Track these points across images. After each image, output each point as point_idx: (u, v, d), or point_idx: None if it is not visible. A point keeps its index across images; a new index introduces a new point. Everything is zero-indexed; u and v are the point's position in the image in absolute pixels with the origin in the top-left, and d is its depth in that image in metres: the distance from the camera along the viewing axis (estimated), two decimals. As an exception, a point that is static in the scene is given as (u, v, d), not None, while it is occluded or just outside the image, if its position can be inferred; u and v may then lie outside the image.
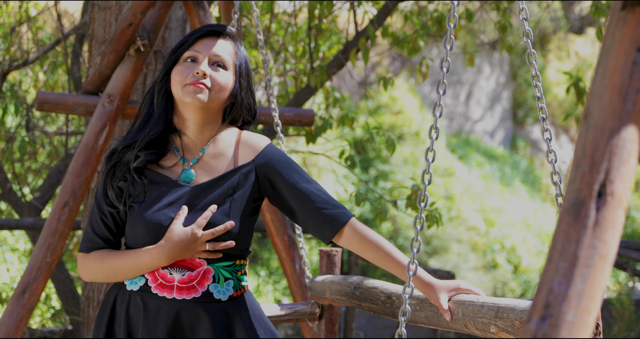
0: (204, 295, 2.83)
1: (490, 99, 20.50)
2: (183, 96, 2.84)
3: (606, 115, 1.64)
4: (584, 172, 1.63)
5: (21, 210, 8.14)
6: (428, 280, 2.79)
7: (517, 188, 18.80)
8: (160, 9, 4.93)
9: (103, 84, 5.08)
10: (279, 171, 2.93)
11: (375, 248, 2.90)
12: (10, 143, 8.34)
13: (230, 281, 2.89)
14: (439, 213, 7.13)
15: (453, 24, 2.71)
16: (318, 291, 3.84)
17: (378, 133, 7.90)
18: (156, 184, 2.85)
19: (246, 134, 3.00)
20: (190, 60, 2.89)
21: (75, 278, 8.54)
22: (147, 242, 2.81)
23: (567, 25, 21.25)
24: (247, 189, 2.89)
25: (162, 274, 2.83)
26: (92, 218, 2.92)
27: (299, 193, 2.91)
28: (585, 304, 1.56)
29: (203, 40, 2.92)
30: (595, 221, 1.59)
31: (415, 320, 2.91)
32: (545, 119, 2.96)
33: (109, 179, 2.88)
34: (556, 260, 1.59)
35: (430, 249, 15.37)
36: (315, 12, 8.17)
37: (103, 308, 2.94)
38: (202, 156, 2.91)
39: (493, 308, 2.54)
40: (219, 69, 2.89)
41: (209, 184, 2.86)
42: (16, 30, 9.07)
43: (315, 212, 2.91)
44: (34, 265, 4.79)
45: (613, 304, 10.23)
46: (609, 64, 1.67)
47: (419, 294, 2.92)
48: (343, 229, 2.92)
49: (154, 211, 2.81)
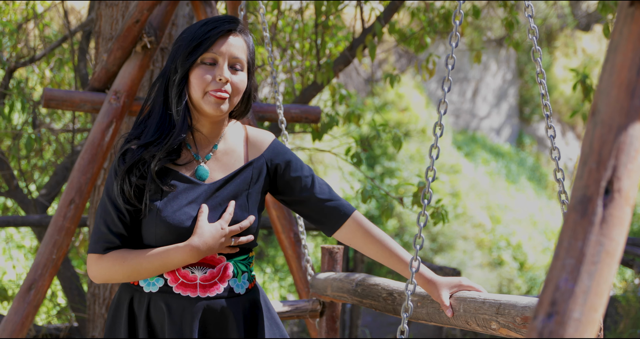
0: (225, 291, 2.83)
1: (496, 96, 20.48)
2: (204, 105, 2.80)
3: (613, 111, 1.63)
4: (591, 169, 1.62)
5: (27, 207, 8.15)
6: (430, 277, 2.82)
7: (523, 185, 18.78)
8: (167, 6, 4.93)
9: (109, 81, 5.08)
10: (286, 164, 2.98)
11: (378, 244, 2.94)
12: (17, 140, 8.34)
13: (246, 274, 2.91)
14: (445, 210, 7.13)
15: (459, 21, 2.71)
16: (319, 288, 3.84)
17: (384, 130, 7.89)
18: (173, 183, 2.82)
19: (252, 130, 3.03)
20: (210, 63, 2.81)
21: (81, 275, 8.55)
22: (168, 242, 2.77)
23: (574, 22, 21.22)
24: (260, 183, 2.93)
25: (183, 273, 2.80)
26: (106, 217, 2.82)
27: (304, 185, 2.96)
28: (592, 302, 1.55)
29: (221, 39, 2.83)
30: (602, 218, 1.59)
31: (416, 317, 2.92)
32: (549, 116, 2.95)
33: (127, 178, 2.80)
34: (563, 257, 1.58)
35: (436, 246, 15.36)
36: (322, 9, 8.17)
37: (117, 310, 2.89)
38: (215, 151, 2.91)
39: (494, 304, 2.55)
40: (237, 72, 2.84)
41: (225, 180, 2.87)
42: (23, 27, 9.07)
43: (320, 204, 2.96)
44: (40, 262, 4.79)
45: (619, 301, 10.20)
46: (617, 61, 1.67)
47: (420, 291, 2.94)
48: (346, 222, 2.96)
49: (174, 210, 2.78)
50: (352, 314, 8.94)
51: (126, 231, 2.83)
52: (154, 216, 2.77)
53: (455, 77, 19.41)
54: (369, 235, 2.94)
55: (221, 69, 2.80)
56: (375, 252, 2.94)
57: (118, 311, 2.88)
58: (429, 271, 2.84)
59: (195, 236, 2.75)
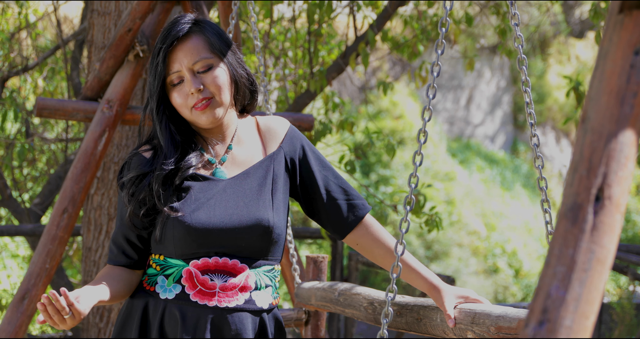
0: (246, 302, 2.69)
1: (490, 104, 20.50)
2: (197, 120, 2.70)
3: (603, 118, 1.63)
4: (581, 176, 1.62)
5: (21, 216, 8.14)
6: (436, 283, 2.69)
7: (518, 192, 18.79)
8: (159, 15, 4.93)
9: (102, 89, 5.07)
10: (304, 155, 2.86)
11: (386, 249, 2.83)
12: (10, 149, 8.34)
13: (270, 288, 2.76)
14: (439, 217, 7.13)
15: (445, 28, 2.70)
16: (304, 297, 3.82)
17: (378, 138, 7.89)
18: (189, 183, 2.71)
19: (262, 119, 2.90)
20: (178, 82, 2.70)
21: (75, 284, 8.54)
22: (187, 244, 2.65)
23: (568, 29, 21.26)
24: (282, 177, 2.80)
25: (202, 280, 2.66)
26: (116, 230, 2.79)
27: (318, 181, 2.84)
28: (583, 309, 1.55)
29: (173, 55, 2.71)
30: (593, 225, 1.59)
31: (396, 326, 2.86)
32: (533, 124, 2.92)
33: (139, 204, 2.70)
34: (554, 264, 1.58)
35: (431, 254, 15.35)
36: (315, 17, 8.17)
37: (128, 315, 2.76)
38: (230, 152, 2.79)
39: (470, 313, 2.53)
40: (207, 72, 2.70)
41: (244, 174, 2.75)
42: (15, 36, 9.07)
43: (333, 203, 2.84)
44: (34, 271, 4.78)
45: (614, 308, 10.21)
46: (607, 68, 1.67)
47: (400, 300, 2.88)
48: (354, 229, 2.85)
49: (192, 210, 2.65)
50: (346, 322, 8.94)
51: (131, 247, 2.77)
52: (172, 219, 2.66)
53: (449, 84, 19.43)
54: (378, 243, 2.83)
55: (189, 82, 2.68)
56: (382, 259, 2.83)
57: (130, 316, 2.75)
58: (436, 277, 2.72)
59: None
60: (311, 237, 8.87)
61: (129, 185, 2.73)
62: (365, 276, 12.78)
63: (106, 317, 5.97)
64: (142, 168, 2.73)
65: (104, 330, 5.99)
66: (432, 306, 2.73)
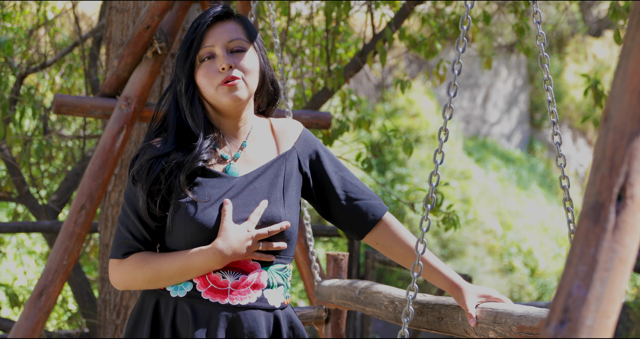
0: (259, 300, 2.64)
1: (507, 102, 20.45)
2: (220, 98, 2.66)
3: (626, 117, 1.62)
4: (603, 175, 1.61)
5: (38, 213, 8.16)
6: (457, 282, 2.68)
7: (534, 191, 18.74)
8: (178, 12, 4.94)
9: (120, 86, 5.08)
10: (318, 157, 2.85)
11: (407, 248, 2.81)
12: (28, 146, 8.36)
13: (282, 287, 2.72)
14: (456, 216, 7.12)
15: (466, 26, 2.69)
16: (324, 295, 3.82)
17: (395, 136, 7.88)
18: (201, 179, 2.67)
19: (276, 121, 2.88)
20: (207, 58, 2.68)
21: (92, 281, 8.56)
22: (198, 241, 2.61)
23: (585, 28, 21.18)
24: (295, 177, 2.78)
25: (213, 278, 2.61)
26: (127, 221, 2.68)
27: (334, 182, 2.83)
28: (605, 308, 1.55)
29: (210, 31, 2.70)
30: (615, 224, 1.58)
31: (417, 324, 2.86)
32: (555, 123, 2.91)
33: (150, 191, 2.64)
34: (575, 264, 1.57)
35: (447, 253, 15.33)
36: (332, 15, 8.17)
37: (140, 315, 2.71)
38: (243, 149, 2.76)
39: (492, 313, 2.52)
40: (240, 53, 2.69)
41: (257, 173, 2.72)
42: (34, 33, 9.10)
43: (351, 203, 2.83)
44: (51, 268, 4.80)
45: (631, 307, 10.18)
46: (629, 66, 1.66)
47: (421, 298, 2.88)
48: (374, 228, 2.83)
49: (204, 207, 2.61)
50: (362, 321, 8.94)
51: (150, 235, 2.69)
52: (183, 215, 2.61)
53: (465, 83, 19.39)
54: (398, 242, 2.81)
55: (220, 58, 2.67)
56: (403, 259, 2.80)
57: (141, 315, 2.70)
58: (457, 276, 2.70)
59: (220, 239, 2.57)
60: (327, 235, 8.86)
61: (146, 165, 2.66)
62: (381, 274, 12.77)
63: (123, 314, 5.98)
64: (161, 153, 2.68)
65: (120, 327, 6.00)
66: (453, 305, 2.72)
